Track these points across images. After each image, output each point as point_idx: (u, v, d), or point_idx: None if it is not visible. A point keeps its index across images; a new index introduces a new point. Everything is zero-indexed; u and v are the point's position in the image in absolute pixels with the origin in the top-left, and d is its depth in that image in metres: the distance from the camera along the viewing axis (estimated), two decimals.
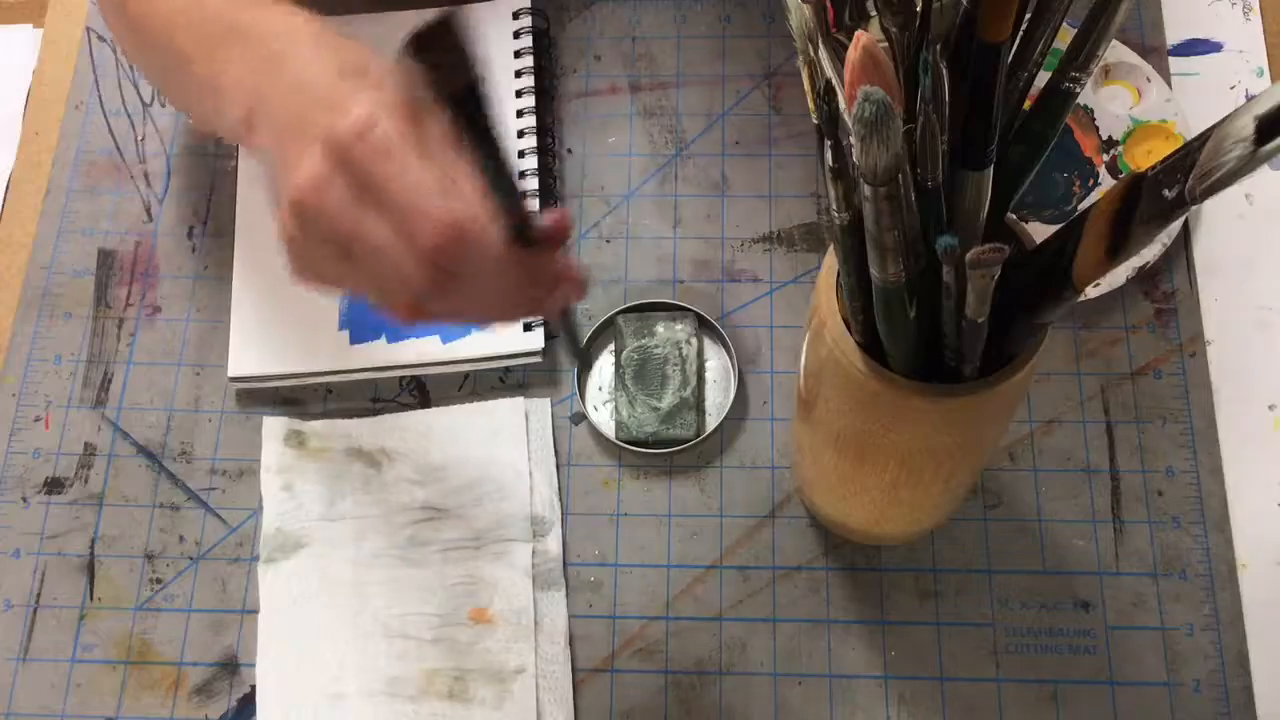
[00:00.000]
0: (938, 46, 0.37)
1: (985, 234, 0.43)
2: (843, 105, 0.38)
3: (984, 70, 0.38)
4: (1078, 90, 0.41)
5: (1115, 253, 0.35)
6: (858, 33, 0.34)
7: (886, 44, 0.39)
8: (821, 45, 0.38)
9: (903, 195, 0.38)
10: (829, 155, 0.39)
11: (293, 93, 0.48)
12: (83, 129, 0.79)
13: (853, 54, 0.34)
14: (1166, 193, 0.33)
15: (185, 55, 0.56)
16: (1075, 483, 0.66)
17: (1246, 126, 0.30)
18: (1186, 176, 0.32)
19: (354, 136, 0.44)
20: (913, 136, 0.38)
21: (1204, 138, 0.32)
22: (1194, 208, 0.71)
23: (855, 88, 0.34)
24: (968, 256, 0.36)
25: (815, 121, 0.40)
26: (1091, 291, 0.68)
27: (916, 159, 0.39)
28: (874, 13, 0.38)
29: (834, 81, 0.38)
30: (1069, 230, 0.39)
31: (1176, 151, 0.33)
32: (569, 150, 0.76)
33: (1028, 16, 0.41)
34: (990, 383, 0.45)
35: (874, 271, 0.41)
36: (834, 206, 0.41)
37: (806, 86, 0.39)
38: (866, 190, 0.37)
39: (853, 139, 0.36)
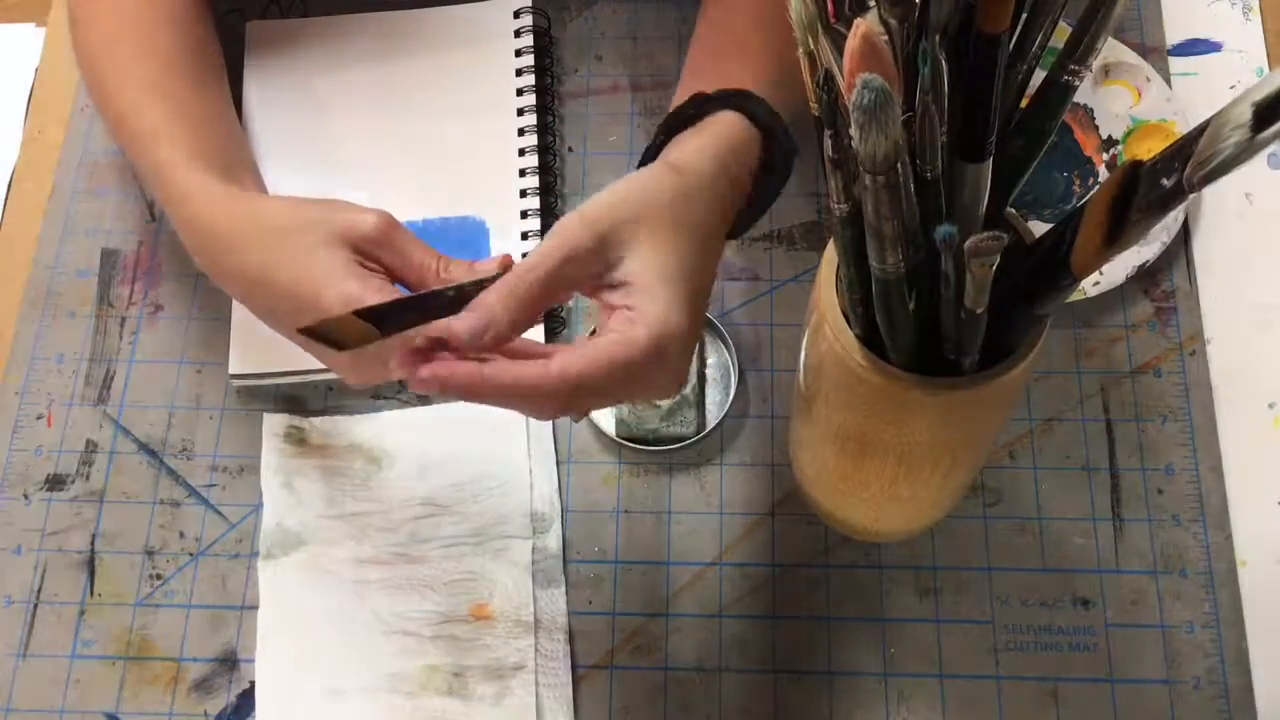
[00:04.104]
0: (937, 37, 0.38)
1: (984, 228, 0.43)
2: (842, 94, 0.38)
3: (983, 61, 0.38)
4: (1076, 83, 0.41)
5: (1113, 241, 0.35)
6: (857, 21, 0.34)
7: (885, 35, 0.39)
8: (821, 36, 0.38)
9: (902, 184, 0.38)
10: (829, 145, 0.40)
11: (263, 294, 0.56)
12: (87, 131, 0.79)
13: (852, 42, 0.34)
14: (1165, 181, 0.33)
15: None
16: (1075, 481, 0.66)
17: (1244, 113, 0.30)
18: (1184, 165, 0.32)
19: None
20: (912, 127, 0.38)
21: (1202, 128, 0.32)
22: (1194, 208, 0.71)
23: (854, 76, 0.34)
24: (966, 245, 0.36)
25: (815, 113, 0.40)
26: (1091, 290, 0.68)
27: (916, 150, 0.39)
28: (873, 3, 0.38)
29: (834, 72, 0.38)
30: (1067, 221, 0.39)
31: (1175, 142, 0.34)
32: (570, 149, 0.77)
33: (1025, 14, 0.41)
34: (990, 376, 0.45)
35: (873, 262, 0.41)
36: (834, 198, 0.41)
37: (806, 77, 0.40)
38: (866, 179, 0.37)
39: (852, 127, 0.36)
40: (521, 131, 0.75)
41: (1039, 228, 0.47)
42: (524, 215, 0.72)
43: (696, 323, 0.50)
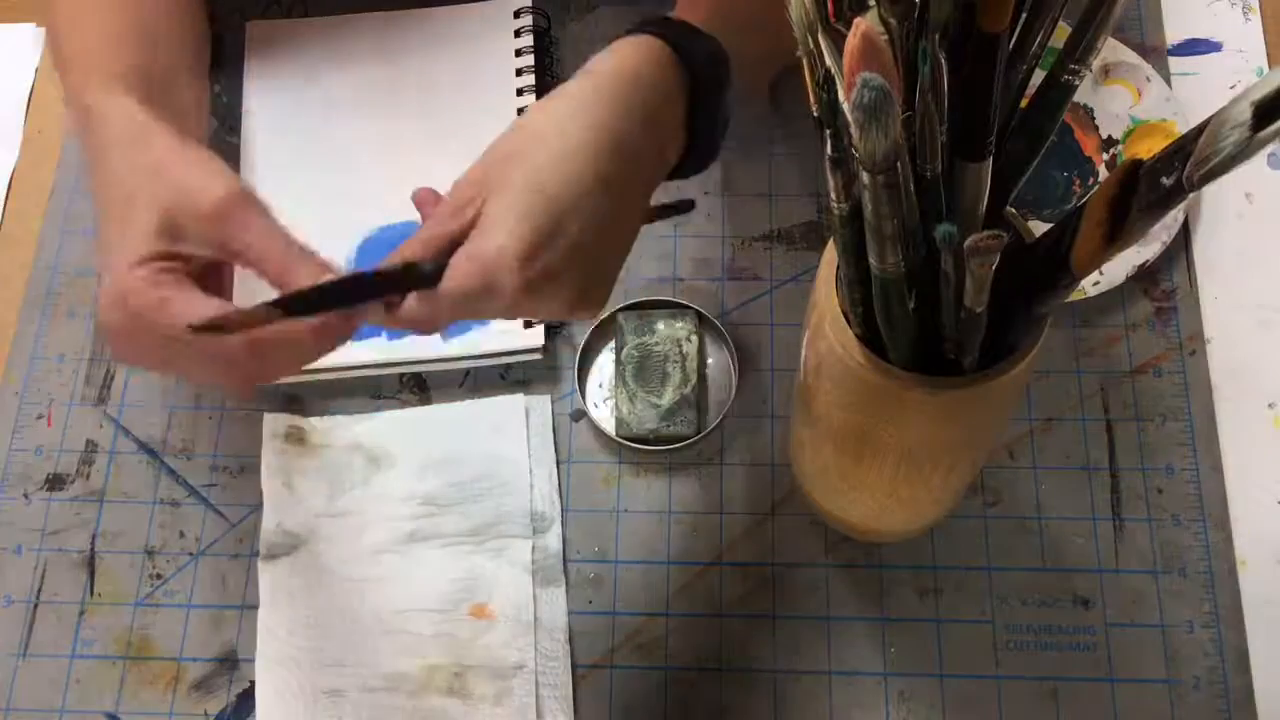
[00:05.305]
0: (936, 36, 0.38)
1: (984, 227, 0.43)
2: (841, 97, 0.38)
3: (983, 61, 0.38)
4: (1076, 83, 0.41)
5: (1113, 239, 0.35)
6: (857, 20, 0.34)
7: (885, 35, 0.39)
8: (821, 35, 0.38)
9: (901, 183, 0.38)
10: (829, 145, 0.40)
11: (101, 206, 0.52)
12: None
13: (852, 41, 0.34)
14: (1165, 180, 0.33)
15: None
16: (1075, 480, 0.66)
17: (1244, 112, 0.30)
18: (1184, 164, 0.32)
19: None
20: (911, 126, 0.38)
21: (1202, 127, 0.32)
22: (1194, 207, 0.71)
23: (854, 75, 0.34)
24: (966, 244, 0.36)
25: (815, 114, 0.40)
26: (1091, 289, 0.68)
27: (916, 150, 0.39)
28: (873, 2, 0.38)
29: (834, 72, 0.38)
30: (1068, 221, 0.39)
31: (1175, 141, 0.34)
32: None
33: (1025, 14, 0.41)
34: (990, 375, 0.45)
35: (873, 262, 0.41)
36: (833, 197, 0.41)
37: (806, 77, 0.40)
38: (865, 178, 0.37)
39: (851, 126, 0.36)
40: None
41: (1039, 228, 0.47)
42: None
43: (531, 249, 0.47)
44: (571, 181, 0.48)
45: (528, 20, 0.78)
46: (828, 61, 0.38)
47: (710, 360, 0.70)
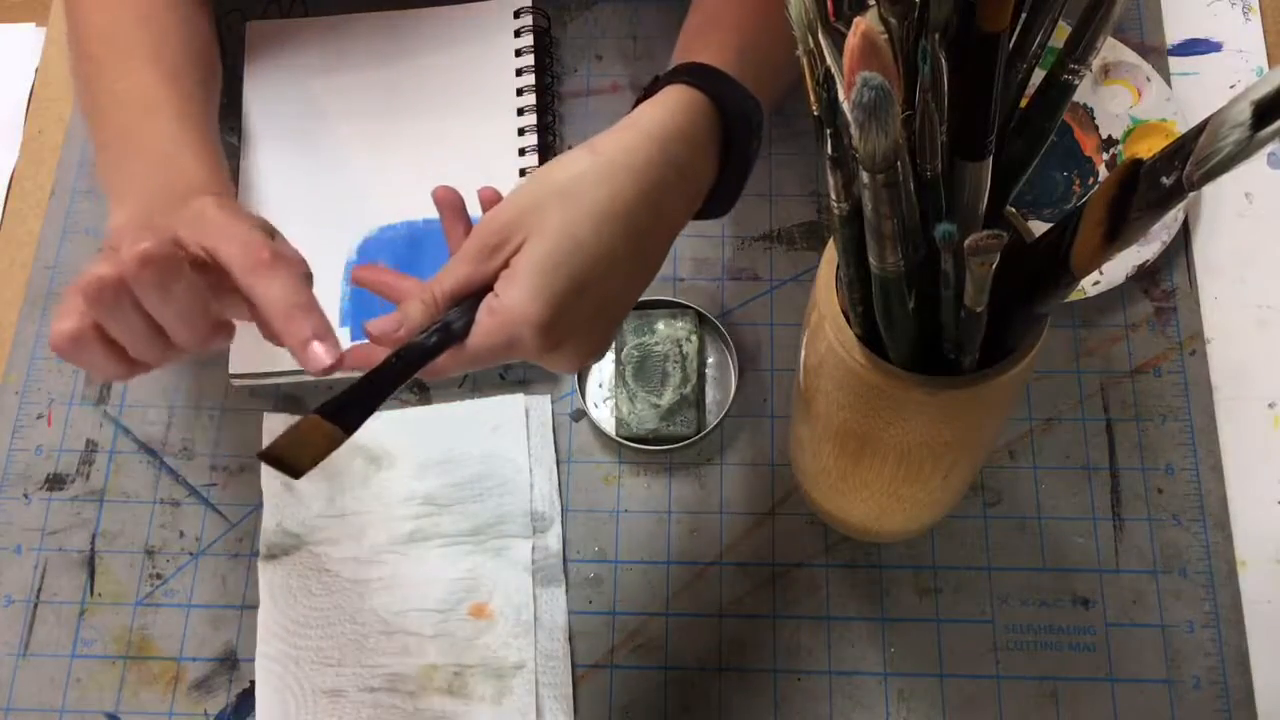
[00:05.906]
0: (936, 36, 0.38)
1: (984, 226, 0.43)
2: (841, 96, 0.38)
3: (983, 61, 0.38)
4: (1076, 82, 0.41)
5: (1113, 239, 0.35)
6: (857, 19, 0.34)
7: (885, 34, 0.39)
8: (821, 35, 0.38)
9: (901, 183, 0.38)
10: (829, 145, 0.40)
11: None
12: (87, 131, 0.79)
13: (852, 40, 0.34)
14: (1164, 180, 0.33)
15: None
16: (1075, 480, 0.66)
17: (1243, 111, 0.30)
18: (1184, 164, 0.32)
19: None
20: (911, 126, 0.38)
21: (1201, 126, 0.32)
22: (1194, 207, 0.71)
23: (854, 74, 0.34)
24: (966, 243, 0.36)
25: (815, 114, 0.40)
26: (1091, 289, 0.68)
27: (916, 149, 0.39)
28: (873, 2, 0.38)
29: (834, 71, 0.38)
30: (1067, 220, 0.39)
31: (1175, 141, 0.34)
32: (570, 149, 0.76)
33: (1025, 13, 0.41)
34: (990, 375, 0.45)
35: (873, 261, 0.41)
36: (833, 196, 0.41)
37: (806, 76, 0.40)
38: (865, 178, 0.37)
39: (851, 126, 0.36)
40: (521, 131, 0.75)
41: (1039, 228, 0.47)
42: None
43: (556, 311, 0.48)
44: (605, 239, 0.49)
45: (528, 20, 0.78)
46: (828, 61, 0.38)
47: (710, 360, 0.70)
